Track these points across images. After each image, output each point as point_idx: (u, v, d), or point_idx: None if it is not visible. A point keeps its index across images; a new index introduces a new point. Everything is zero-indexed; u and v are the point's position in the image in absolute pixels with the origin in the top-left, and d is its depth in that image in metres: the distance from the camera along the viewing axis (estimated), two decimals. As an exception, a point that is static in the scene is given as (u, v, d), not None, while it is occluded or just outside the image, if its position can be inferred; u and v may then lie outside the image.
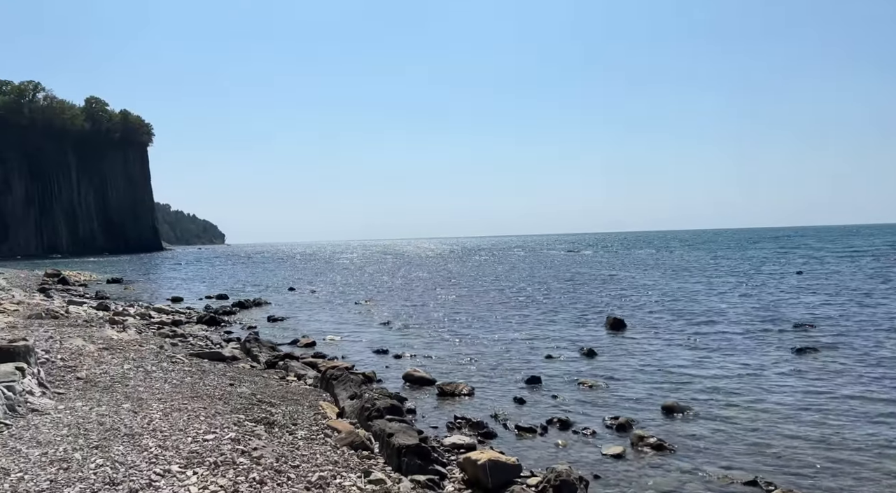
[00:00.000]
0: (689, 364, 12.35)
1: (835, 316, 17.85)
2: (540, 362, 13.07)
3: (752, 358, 12.68)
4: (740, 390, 10.19)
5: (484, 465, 6.39)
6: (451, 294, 28.75)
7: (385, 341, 16.16)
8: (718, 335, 15.47)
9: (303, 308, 24.75)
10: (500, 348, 14.65)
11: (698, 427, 8.42)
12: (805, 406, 9.16)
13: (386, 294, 29.93)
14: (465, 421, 8.82)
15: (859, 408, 8.98)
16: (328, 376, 10.00)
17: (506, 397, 10.31)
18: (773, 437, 7.88)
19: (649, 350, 13.94)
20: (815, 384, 10.38)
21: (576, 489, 6.21)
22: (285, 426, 7.56)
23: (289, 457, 6.41)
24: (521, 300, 25.15)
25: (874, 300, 21.06)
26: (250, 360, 13.05)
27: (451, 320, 20.01)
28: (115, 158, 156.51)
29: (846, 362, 11.96)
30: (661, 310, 20.69)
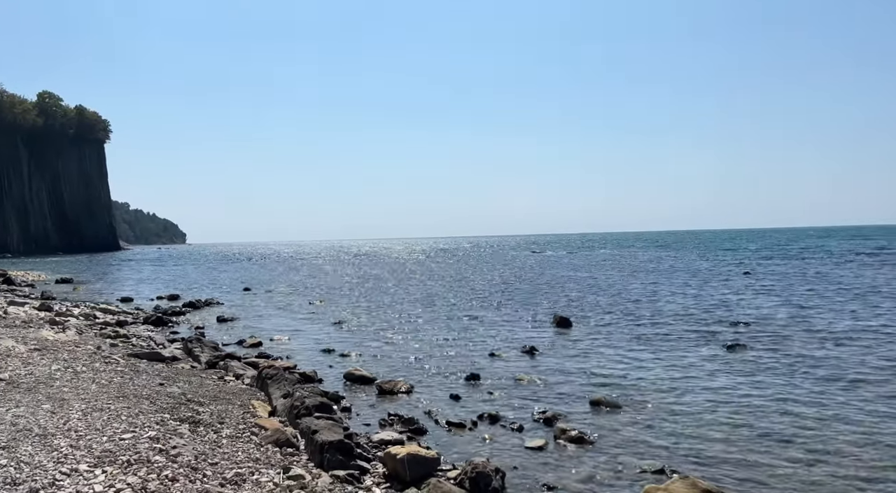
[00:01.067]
0: (625, 361, 12.71)
1: (770, 316, 18.56)
2: (483, 360, 13.27)
3: (685, 355, 13.13)
4: (668, 386, 10.56)
5: (402, 459, 6.52)
6: (406, 295, 28.85)
7: (334, 340, 16.17)
8: (657, 333, 15.94)
9: (255, 309, 24.50)
10: (446, 348, 14.81)
11: (621, 421, 8.71)
12: (726, 401, 9.55)
13: (342, 295, 29.84)
14: (397, 418, 8.93)
15: (776, 404, 9.40)
16: (264, 376, 10.00)
17: (443, 394, 10.47)
18: (691, 430, 8.21)
19: (590, 347, 14.29)
20: (740, 380, 10.82)
21: (491, 481, 6.39)
22: (211, 425, 7.56)
23: (209, 455, 6.43)
24: (476, 301, 25.40)
25: (810, 301, 21.95)
26: (191, 360, 12.92)
27: (403, 320, 20.10)
28: (70, 154, 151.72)
29: (773, 359, 12.48)
30: (608, 309, 21.17)
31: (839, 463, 6.87)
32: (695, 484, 5.76)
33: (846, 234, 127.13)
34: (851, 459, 7.00)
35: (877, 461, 6.90)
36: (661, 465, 6.85)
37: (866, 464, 6.83)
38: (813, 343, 13.85)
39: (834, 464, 6.85)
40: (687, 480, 5.87)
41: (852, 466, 6.79)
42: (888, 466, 6.78)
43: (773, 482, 6.46)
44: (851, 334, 14.75)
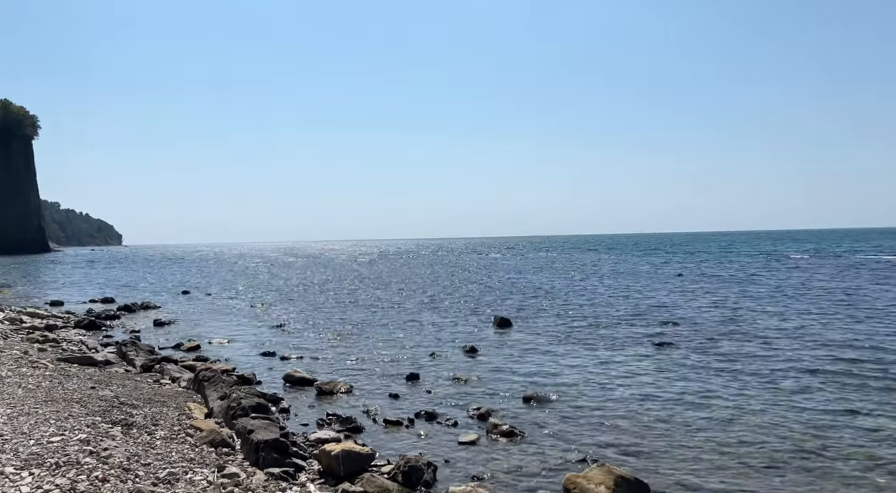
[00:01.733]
0: (560, 359, 13.23)
1: (697, 316, 19.60)
2: (424, 360, 13.54)
3: (617, 354, 13.77)
4: (597, 382, 11.10)
5: (336, 455, 6.71)
6: (350, 297, 28.83)
7: (275, 343, 16.09)
8: (592, 333, 16.60)
9: (194, 312, 23.99)
10: (388, 349, 14.99)
11: (550, 415, 9.14)
12: (649, 396, 10.13)
13: (286, 297, 29.53)
14: (335, 417, 9.08)
15: (695, 397, 10.04)
16: (200, 378, 9.95)
17: (383, 393, 10.67)
18: (614, 422, 8.71)
19: (528, 347, 14.77)
20: (664, 377, 11.47)
21: (423, 474, 6.65)
22: (144, 427, 7.52)
23: (142, 456, 6.44)
24: (419, 303, 25.66)
25: (736, 302, 23.26)
26: (125, 364, 12.66)
27: (346, 322, 20.15)
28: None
29: (698, 357, 13.25)
30: (547, 310, 21.83)
31: (746, 452, 7.46)
32: (610, 471, 6.18)
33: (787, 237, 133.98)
34: (756, 447, 7.61)
35: (777, 449, 7.53)
36: (583, 455, 7.28)
37: (768, 452, 7.44)
38: (736, 341, 14.75)
39: (742, 453, 7.43)
40: (604, 467, 6.29)
41: (757, 453, 7.40)
42: (788, 453, 7.41)
43: (682, 467, 6.97)
44: (770, 333, 15.78)
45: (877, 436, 7.86)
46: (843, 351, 13.10)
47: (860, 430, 8.11)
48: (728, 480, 6.62)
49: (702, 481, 6.61)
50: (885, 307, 19.93)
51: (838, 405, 9.26)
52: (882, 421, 8.42)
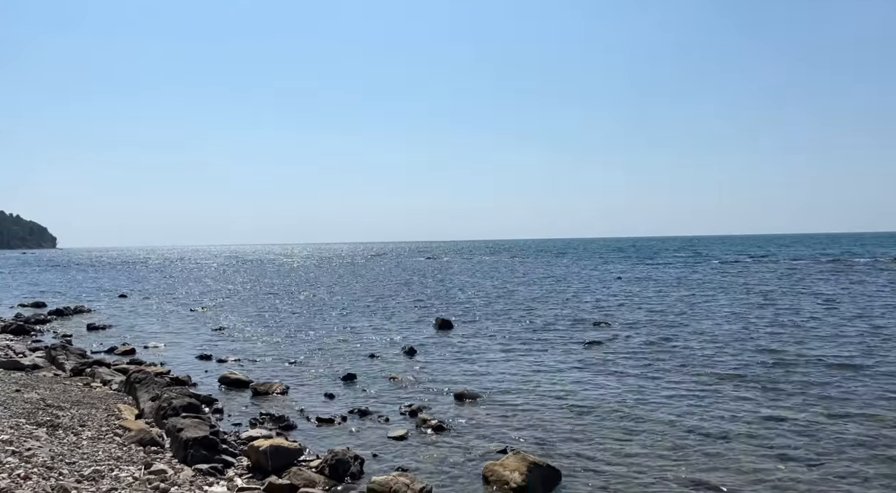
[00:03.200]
0: (495, 359, 13.71)
1: (629, 316, 20.52)
2: (363, 361, 13.77)
3: (548, 351, 14.37)
4: (526, 379, 11.60)
5: (265, 451, 6.92)
6: (292, 301, 28.69)
7: (213, 347, 15.98)
8: (528, 332, 17.21)
9: (131, 316, 23.43)
10: (328, 350, 15.15)
11: (478, 410, 9.57)
12: (571, 391, 10.68)
13: (227, 301, 29.12)
14: (268, 417, 9.23)
15: (614, 391, 10.67)
16: (132, 380, 9.92)
17: (319, 393, 10.87)
18: (537, 416, 9.20)
19: (466, 347, 15.20)
20: (587, 373, 12.10)
21: (350, 466, 6.94)
22: (71, 428, 7.53)
23: (66, 455, 6.49)
24: (365, 304, 25.80)
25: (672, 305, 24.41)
26: (55, 368, 12.41)
27: (286, 325, 20.14)
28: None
29: (621, 354, 13.97)
30: (490, 312, 22.38)
31: (653, 440, 8.04)
32: (524, 458, 6.62)
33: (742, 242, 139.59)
34: (661, 435, 8.21)
35: (682, 436, 8.16)
36: (504, 446, 7.71)
37: (672, 439, 8.06)
38: (659, 339, 15.59)
39: (648, 441, 8.01)
40: (518, 455, 6.72)
41: (661, 440, 7.99)
42: (690, 440, 8.05)
43: (592, 454, 7.49)
44: (696, 332, 16.72)
45: (777, 426, 8.59)
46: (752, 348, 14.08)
47: (762, 419, 8.83)
48: (633, 463, 7.17)
49: (609, 466, 7.12)
50: (796, 306, 21.35)
51: (744, 396, 10.03)
52: (782, 413, 9.18)
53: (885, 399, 9.70)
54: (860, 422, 8.60)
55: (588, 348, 14.61)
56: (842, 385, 10.64)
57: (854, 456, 7.32)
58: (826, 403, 9.59)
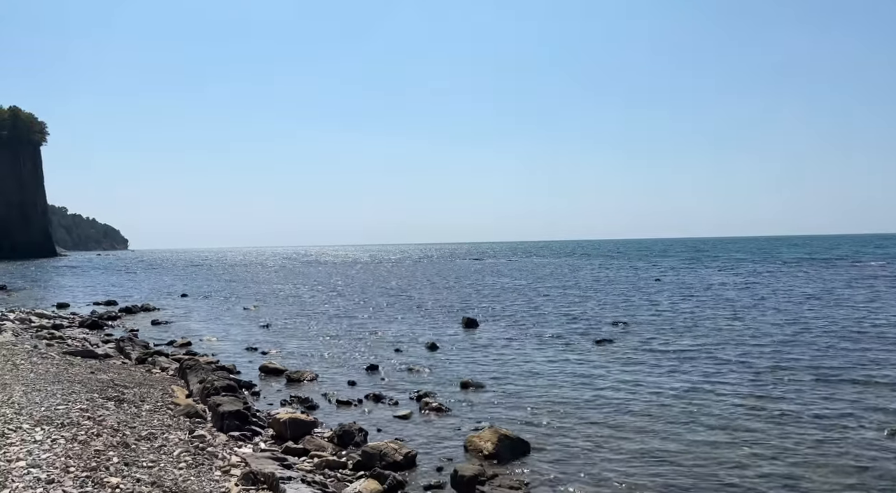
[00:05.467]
0: (507, 353, 14.87)
1: (649, 317, 21.21)
2: (388, 354, 15.19)
3: (560, 347, 15.41)
4: (532, 371, 12.73)
5: (284, 421, 8.38)
6: (338, 300, 30.49)
7: (259, 341, 17.76)
8: (548, 330, 18.23)
9: (191, 313, 25.70)
10: (359, 345, 16.65)
11: (479, 397, 10.79)
12: (569, 382, 11.75)
13: (278, 300, 31.22)
14: (297, 398, 10.74)
15: (605, 382, 11.66)
16: (184, 367, 11.63)
17: (343, 381, 12.33)
18: (529, 401, 10.35)
19: (484, 344, 16.40)
20: (590, 367, 13.10)
21: (354, 437, 8.31)
22: (133, 402, 9.21)
23: (129, 422, 8.11)
24: (402, 304, 27.31)
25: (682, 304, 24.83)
26: (123, 357, 14.34)
27: (327, 322, 21.82)
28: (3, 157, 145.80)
29: (628, 351, 14.86)
30: (517, 311, 23.45)
31: (622, 420, 9.07)
32: (497, 431, 7.83)
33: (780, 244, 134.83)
34: (631, 414, 9.23)
35: (654, 419, 9.14)
36: (489, 424, 8.90)
37: (643, 420, 9.06)
38: (671, 339, 16.35)
39: (618, 421, 9.05)
40: (493, 429, 7.94)
41: (631, 421, 9.01)
42: (660, 423, 9.02)
43: (562, 432, 8.61)
44: (708, 333, 17.35)
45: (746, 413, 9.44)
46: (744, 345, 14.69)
47: (735, 407, 9.68)
48: (596, 439, 8.26)
49: (576, 442, 8.23)
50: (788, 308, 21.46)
51: (719, 384, 10.85)
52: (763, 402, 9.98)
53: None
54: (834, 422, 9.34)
55: (598, 345, 15.55)
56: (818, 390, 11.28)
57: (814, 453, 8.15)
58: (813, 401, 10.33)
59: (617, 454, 7.77)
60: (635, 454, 7.74)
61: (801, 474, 7.01)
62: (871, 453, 7.60)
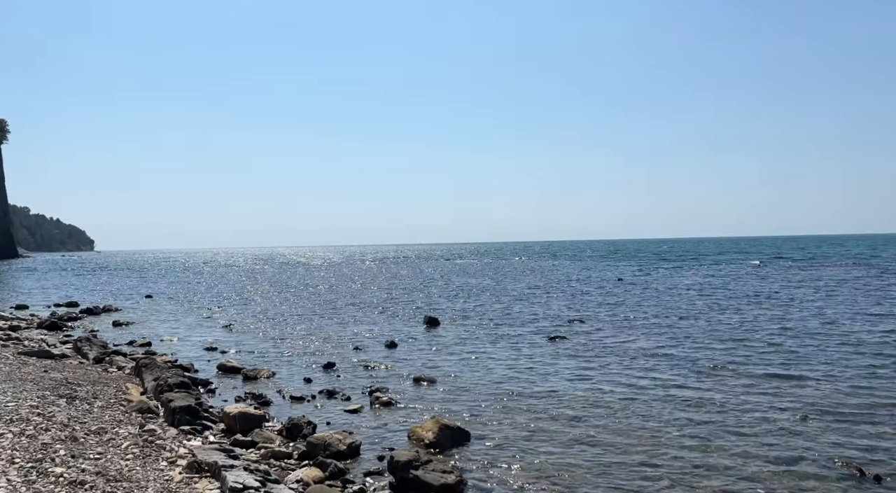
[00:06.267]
0: (464, 350, 15.28)
1: (605, 314, 21.88)
2: (347, 352, 15.48)
3: (515, 344, 15.89)
4: (484, 367, 13.17)
5: (234, 415, 8.65)
6: (306, 299, 30.60)
7: (220, 341, 17.87)
8: (506, 328, 18.73)
9: (153, 314, 25.58)
10: (319, 344, 16.89)
11: (430, 391, 11.17)
12: (517, 377, 12.22)
13: (241, 301, 31.18)
14: (251, 395, 10.98)
15: (550, 376, 12.16)
16: (140, 365, 11.78)
17: (299, 378, 12.59)
18: (476, 395, 10.77)
19: (443, 341, 16.79)
20: (539, 362, 13.59)
21: (303, 429, 8.61)
22: (85, 399, 9.36)
23: (80, 417, 8.29)
24: (367, 304, 27.57)
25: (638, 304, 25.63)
26: (80, 357, 14.36)
27: (288, 322, 21.98)
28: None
29: (578, 347, 15.41)
30: (481, 311, 23.92)
31: (559, 412, 9.54)
32: (438, 421, 8.22)
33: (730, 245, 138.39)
34: (567, 407, 9.71)
35: (589, 410, 9.64)
36: (434, 415, 9.29)
37: (583, 419, 9.55)
38: (621, 334, 16.97)
39: (556, 413, 9.52)
40: (435, 419, 8.32)
41: (567, 412, 9.49)
42: (595, 411, 9.52)
43: (505, 423, 9.05)
44: (657, 330, 18.03)
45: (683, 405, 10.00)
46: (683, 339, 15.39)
47: (669, 400, 10.23)
48: (535, 428, 8.71)
49: (516, 430, 8.67)
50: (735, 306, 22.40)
51: (659, 379, 11.43)
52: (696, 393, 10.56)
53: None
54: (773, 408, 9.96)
55: (552, 342, 16.08)
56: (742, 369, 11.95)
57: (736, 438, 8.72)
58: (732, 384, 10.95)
59: (553, 442, 8.22)
60: (571, 441, 8.20)
61: (722, 458, 7.54)
62: (785, 437, 8.19)
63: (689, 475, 7.00)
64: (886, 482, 6.57)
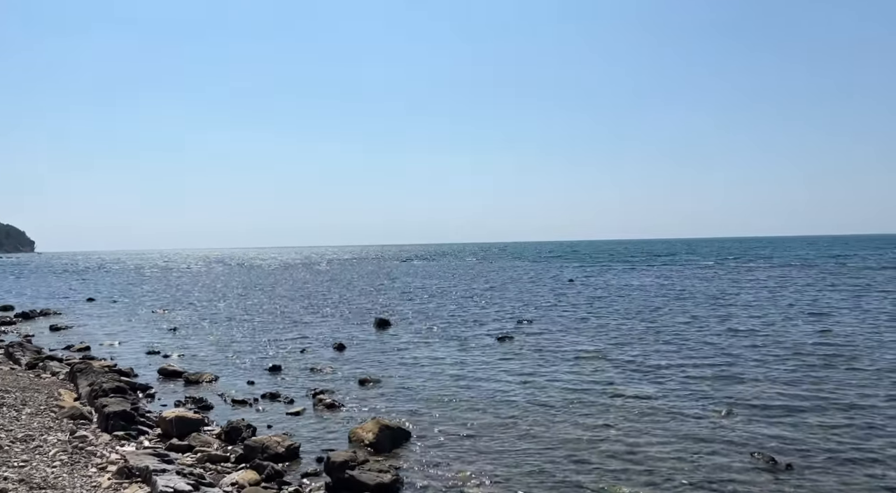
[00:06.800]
0: (413, 351, 15.37)
1: (553, 314, 22.35)
2: (293, 355, 15.34)
3: (464, 345, 16.06)
4: (430, 367, 13.29)
5: (170, 420, 8.51)
6: (255, 302, 30.11)
7: (163, 345, 17.43)
8: (457, 329, 18.90)
9: (95, 318, 24.72)
10: (265, 347, 16.68)
11: (374, 392, 11.21)
12: (462, 376, 12.38)
13: (188, 304, 30.45)
14: (192, 399, 10.80)
15: (492, 374, 12.38)
16: (74, 370, 11.41)
17: (243, 381, 12.43)
18: (419, 395, 10.88)
19: (392, 343, 16.83)
20: (489, 361, 13.80)
21: (242, 432, 8.54)
22: (13, 406, 9.05)
23: (6, 425, 8.02)
24: (318, 306, 27.32)
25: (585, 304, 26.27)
26: (11, 363, 13.80)
27: (239, 326, 21.61)
28: None
29: (525, 346, 15.71)
30: (433, 312, 24.04)
31: (498, 410, 9.75)
32: (378, 422, 8.28)
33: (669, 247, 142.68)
34: (510, 405, 9.93)
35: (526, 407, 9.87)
36: (373, 415, 9.35)
37: (524, 417, 9.77)
38: (567, 335, 17.37)
39: (495, 410, 9.72)
40: (376, 420, 8.39)
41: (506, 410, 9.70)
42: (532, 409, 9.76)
43: (445, 421, 9.18)
44: (602, 329, 18.52)
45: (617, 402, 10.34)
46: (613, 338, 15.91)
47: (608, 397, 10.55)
48: (476, 427, 8.88)
49: (457, 429, 8.81)
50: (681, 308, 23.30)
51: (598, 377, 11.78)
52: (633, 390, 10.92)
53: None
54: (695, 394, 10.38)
55: (499, 342, 16.33)
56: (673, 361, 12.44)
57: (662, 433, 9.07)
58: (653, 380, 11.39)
59: (493, 440, 8.39)
60: (511, 439, 8.39)
61: (651, 451, 7.86)
62: (710, 430, 8.59)
63: (619, 467, 7.28)
64: (796, 470, 6.98)
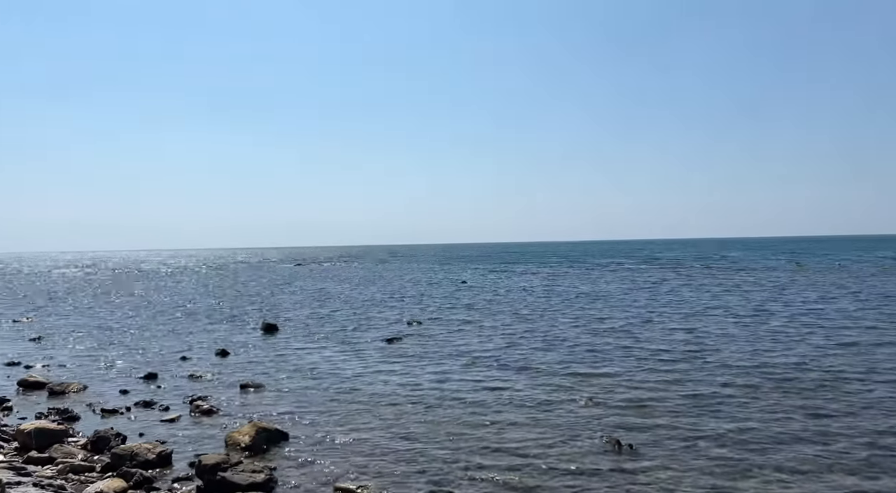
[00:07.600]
0: (301, 355, 15.39)
1: (442, 316, 23.08)
2: (172, 362, 14.85)
3: (352, 347, 16.30)
4: (317, 370, 13.43)
5: (29, 432, 8.14)
6: (136, 308, 28.51)
7: (26, 355, 16.23)
8: (346, 332, 19.08)
9: (-57, 328, 22.37)
10: (142, 355, 16.00)
11: (256, 397, 11.22)
12: (344, 376, 12.66)
13: (59, 311, 28.29)
14: (55, 410, 10.27)
15: (376, 375, 12.76)
16: (-83, 384, 10.45)
17: (115, 390, 11.95)
18: (301, 397, 11.04)
19: (280, 347, 16.71)
20: (374, 363, 14.13)
21: (110, 442, 8.31)
22: None
23: None
24: (203, 311, 26.35)
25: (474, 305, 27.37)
26: None
27: (115, 333, 20.45)
28: None
29: (410, 348, 16.20)
30: (322, 315, 23.97)
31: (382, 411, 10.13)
32: (255, 425, 8.39)
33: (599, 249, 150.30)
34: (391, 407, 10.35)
35: (412, 413, 10.33)
36: (250, 419, 9.41)
37: (404, 415, 10.20)
38: (451, 336, 18.06)
39: (379, 411, 10.10)
40: (252, 423, 8.48)
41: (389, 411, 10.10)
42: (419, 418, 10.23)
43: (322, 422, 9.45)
44: (486, 330, 19.42)
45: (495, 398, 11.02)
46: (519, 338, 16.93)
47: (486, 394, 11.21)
48: (356, 426, 9.21)
49: (336, 429, 9.09)
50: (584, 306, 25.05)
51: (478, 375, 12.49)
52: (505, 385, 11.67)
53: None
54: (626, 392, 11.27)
55: (388, 344, 16.71)
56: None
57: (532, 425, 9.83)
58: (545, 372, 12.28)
59: (370, 438, 8.73)
60: (387, 436, 8.78)
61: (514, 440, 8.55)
62: (569, 419, 9.46)
63: (489, 456, 7.89)
64: (637, 451, 7.93)
